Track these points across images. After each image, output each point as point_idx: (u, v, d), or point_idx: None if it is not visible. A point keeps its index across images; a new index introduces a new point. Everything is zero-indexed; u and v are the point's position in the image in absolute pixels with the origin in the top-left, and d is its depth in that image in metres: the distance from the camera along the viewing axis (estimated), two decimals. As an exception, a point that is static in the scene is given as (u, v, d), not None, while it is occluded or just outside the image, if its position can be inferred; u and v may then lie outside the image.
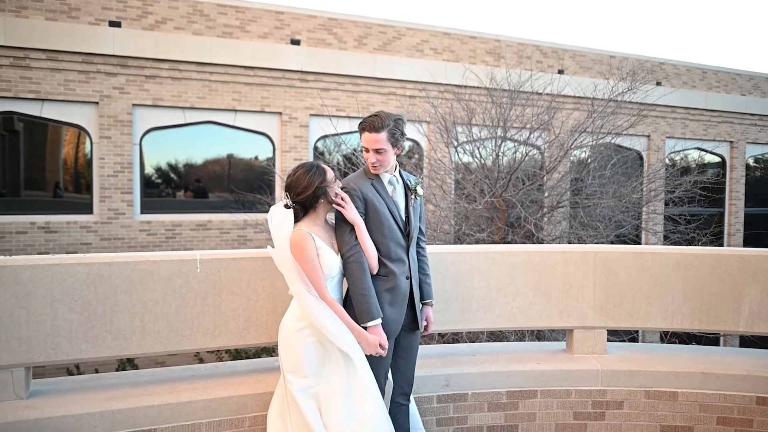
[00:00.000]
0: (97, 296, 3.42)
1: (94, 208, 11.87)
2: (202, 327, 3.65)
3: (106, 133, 11.79)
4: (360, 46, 14.24)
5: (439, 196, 9.68)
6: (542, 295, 4.49)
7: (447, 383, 4.16)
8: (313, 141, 13.74)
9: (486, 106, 9.97)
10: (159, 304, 3.55)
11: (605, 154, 10.70)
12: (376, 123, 3.24)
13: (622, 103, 9.95)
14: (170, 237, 12.15)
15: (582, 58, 17.15)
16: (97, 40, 11.57)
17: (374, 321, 3.16)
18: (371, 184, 3.35)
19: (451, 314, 4.31)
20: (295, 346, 3.10)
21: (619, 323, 4.60)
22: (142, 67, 11.99)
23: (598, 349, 4.63)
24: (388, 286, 3.30)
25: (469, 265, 4.35)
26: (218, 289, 3.68)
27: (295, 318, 3.13)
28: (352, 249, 3.20)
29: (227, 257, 3.71)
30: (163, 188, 13.13)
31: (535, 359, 4.54)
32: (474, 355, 4.59)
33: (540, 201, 9.81)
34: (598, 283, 4.53)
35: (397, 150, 3.33)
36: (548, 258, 4.52)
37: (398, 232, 3.34)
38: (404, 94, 13.65)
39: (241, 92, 12.90)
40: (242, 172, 13.59)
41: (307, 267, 3.06)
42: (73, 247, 11.35)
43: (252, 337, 3.76)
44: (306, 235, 3.09)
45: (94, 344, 3.42)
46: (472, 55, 15.56)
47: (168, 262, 3.57)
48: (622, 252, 4.61)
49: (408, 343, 3.48)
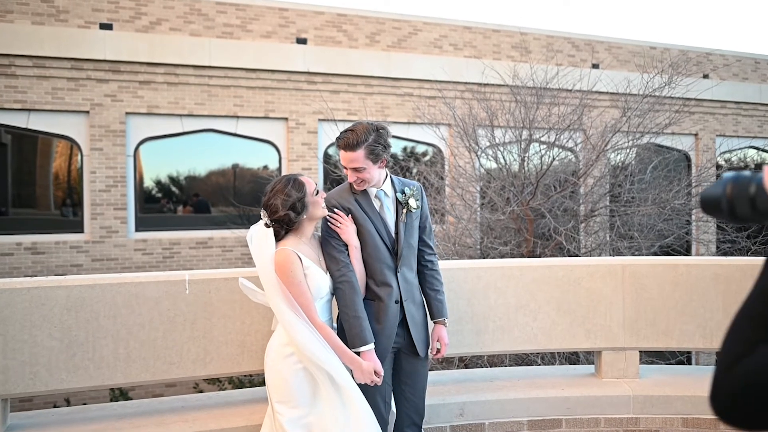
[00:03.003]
0: (78, 322, 3.50)
1: (85, 226, 11.98)
2: (192, 353, 3.70)
3: (98, 144, 11.93)
4: (372, 44, 14.28)
5: (460, 207, 9.69)
6: (566, 314, 4.47)
7: (461, 412, 4.16)
8: (323, 148, 13.76)
9: (510, 106, 9.96)
10: (145, 329, 3.61)
11: (644, 156, 10.62)
12: (351, 139, 3.22)
13: (662, 98, 9.84)
14: (168, 257, 12.22)
15: (618, 50, 17.03)
16: (86, 45, 11.75)
17: (367, 346, 3.18)
18: (355, 200, 3.37)
19: (466, 336, 4.31)
20: (284, 373, 3.11)
21: (652, 343, 4.56)
22: (136, 72, 12.14)
23: (630, 372, 4.59)
24: (375, 311, 3.34)
25: (484, 282, 4.36)
26: (209, 312, 3.73)
27: (283, 343, 3.14)
28: (343, 268, 3.24)
29: (218, 277, 3.77)
30: (164, 203, 13.25)
31: (560, 384, 4.51)
32: (492, 380, 4.59)
33: (572, 210, 9.76)
34: (627, 299, 4.51)
35: (380, 164, 3.32)
36: (571, 272, 4.50)
37: (385, 252, 3.36)
38: (422, 95, 13.62)
39: (243, 97, 12.98)
40: (248, 183, 13.64)
41: (294, 290, 3.08)
42: (62, 269, 11.45)
43: (247, 365, 3.80)
44: (291, 254, 3.11)
45: (75, 373, 3.49)
46: (496, 50, 15.53)
47: (154, 283, 3.64)
48: (654, 264, 4.59)
49: (412, 369, 3.49)
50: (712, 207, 1.19)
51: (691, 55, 16.30)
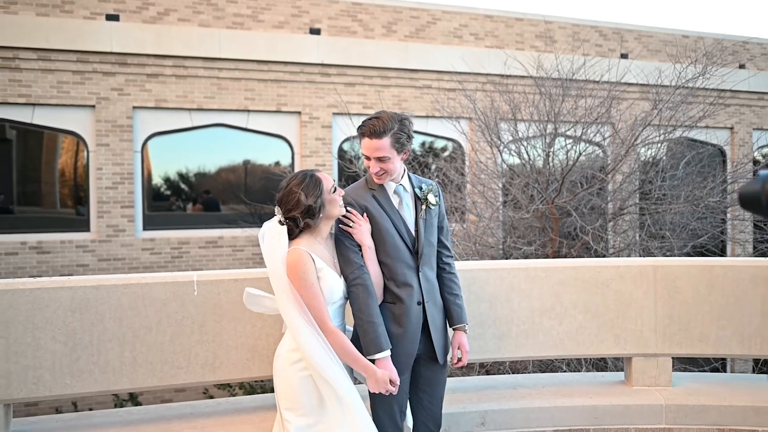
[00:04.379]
0: (83, 324, 3.51)
1: (91, 224, 12.03)
2: (200, 358, 3.70)
3: (104, 139, 11.99)
4: (389, 34, 14.24)
5: (482, 205, 9.63)
6: (594, 318, 4.44)
7: (483, 421, 4.13)
8: (338, 143, 13.76)
9: (534, 99, 9.88)
10: (152, 332, 3.61)
11: (677, 151, 10.50)
12: (377, 127, 3.22)
13: (696, 90, 9.71)
14: (176, 256, 12.26)
15: (649, 39, 16.89)
16: (92, 37, 11.80)
17: (383, 353, 3.14)
18: (373, 196, 3.35)
19: (487, 341, 4.29)
20: (292, 379, 3.09)
21: (685, 349, 4.51)
22: (143, 64, 12.18)
23: (662, 380, 4.55)
24: (396, 314, 3.29)
25: (507, 284, 4.33)
26: (218, 315, 3.73)
27: (291, 348, 3.12)
28: (357, 270, 3.21)
29: (228, 278, 3.76)
30: (173, 201, 13.29)
31: (587, 392, 4.48)
32: (515, 388, 4.56)
33: (600, 207, 9.67)
34: (659, 302, 4.47)
35: (403, 155, 3.32)
36: (600, 273, 4.47)
37: (405, 251, 3.34)
38: (441, 87, 13.57)
39: (255, 90, 12.98)
40: (260, 180, 13.65)
41: (306, 292, 3.05)
42: (68, 269, 11.49)
43: (257, 370, 3.80)
44: (304, 255, 3.08)
45: (79, 378, 3.50)
46: (519, 39, 15.45)
47: (161, 284, 3.64)
48: (688, 265, 4.54)
49: (431, 375, 3.46)
50: (751, 204, 1.17)
51: (726, 43, 16.12)
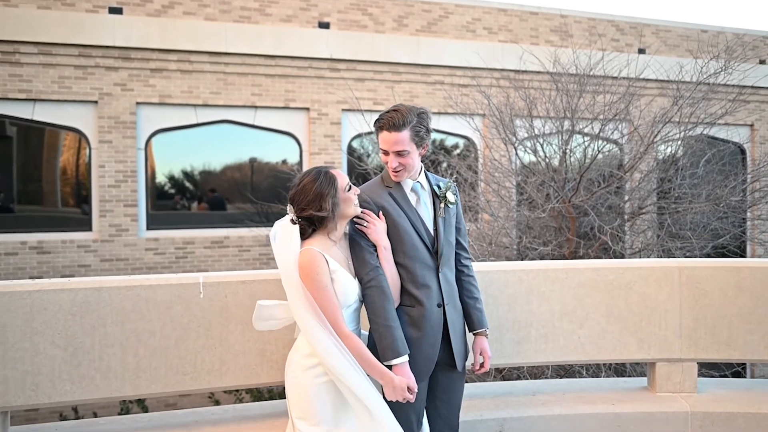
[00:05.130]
0: (84, 328, 3.45)
1: (93, 224, 12.02)
2: (206, 363, 3.65)
3: (107, 136, 11.97)
4: (400, 28, 14.21)
5: (496, 204, 9.55)
6: (616, 321, 4.42)
7: (501, 429, 4.10)
8: (347, 141, 13.73)
9: (550, 95, 9.81)
10: (156, 337, 3.56)
11: (697, 149, 10.41)
12: (397, 120, 3.17)
13: (716, 86, 9.65)
14: (181, 257, 12.24)
15: (667, 34, 16.85)
16: (95, 30, 11.76)
17: (400, 358, 3.08)
18: (389, 194, 3.31)
19: (506, 345, 4.26)
20: (306, 387, 3.03)
21: (711, 354, 4.48)
22: (147, 59, 12.16)
23: (687, 386, 4.53)
24: (414, 317, 3.23)
25: (526, 286, 4.30)
26: (225, 318, 3.68)
27: (306, 353, 3.06)
28: (372, 272, 3.14)
29: (235, 280, 3.72)
30: (178, 200, 13.26)
31: (609, 399, 4.46)
32: (534, 394, 4.54)
33: (618, 207, 9.59)
34: (685, 305, 4.44)
35: (422, 150, 3.28)
36: (623, 275, 4.45)
37: (424, 251, 3.28)
38: (453, 82, 13.53)
39: (262, 86, 12.95)
40: (267, 179, 13.63)
41: (319, 295, 2.99)
42: (69, 270, 11.49)
43: (266, 376, 3.75)
44: (318, 256, 3.02)
45: (80, 384, 3.45)
46: (534, 34, 15.41)
47: (166, 286, 3.59)
48: (714, 267, 4.51)
49: (449, 383, 3.41)
50: None
51: (746, 39, 15.99)
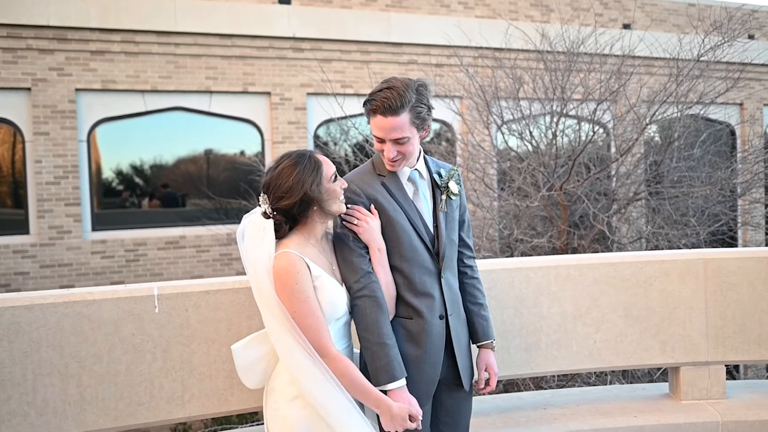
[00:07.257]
0: (13, 354, 3.13)
1: (30, 226, 11.76)
2: (165, 390, 3.36)
3: (42, 128, 11.70)
4: (369, 3, 14.19)
5: (481, 192, 9.33)
6: (635, 322, 4.29)
7: (511, 452, 3.94)
8: (314, 127, 13.69)
9: (537, 73, 9.63)
10: (103, 362, 3.26)
11: (694, 128, 10.35)
12: (393, 100, 2.76)
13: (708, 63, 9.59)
14: (132, 260, 12.06)
15: (653, 8, 17.14)
16: (25, 8, 11.45)
17: (397, 382, 2.79)
18: (382, 184, 2.97)
19: (513, 354, 4.11)
20: (292, 420, 2.72)
21: (741, 355, 4.39)
22: (86, 40, 11.91)
23: (715, 392, 4.43)
24: (413, 331, 2.94)
25: (535, 285, 4.14)
26: (187, 336, 3.40)
27: (289, 381, 2.75)
28: (364, 278, 2.83)
29: (198, 290, 3.43)
30: (127, 197, 13.09)
31: (629, 410, 4.34)
32: (545, 407, 4.39)
33: (613, 192, 9.45)
34: (711, 301, 4.34)
35: (423, 133, 2.93)
36: (641, 270, 4.30)
37: (424, 253, 2.97)
38: (428, 62, 13.48)
39: (218, 68, 12.83)
40: (225, 172, 13.57)
41: (299, 309, 2.66)
42: (4, 279, 11.22)
43: (237, 401, 3.48)
44: (297, 260, 2.68)
45: (10, 424, 3.12)
46: (513, 9, 15.52)
47: (113, 300, 3.28)
48: (743, 258, 4.40)
49: (454, 405, 3.15)
50: None
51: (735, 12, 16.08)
